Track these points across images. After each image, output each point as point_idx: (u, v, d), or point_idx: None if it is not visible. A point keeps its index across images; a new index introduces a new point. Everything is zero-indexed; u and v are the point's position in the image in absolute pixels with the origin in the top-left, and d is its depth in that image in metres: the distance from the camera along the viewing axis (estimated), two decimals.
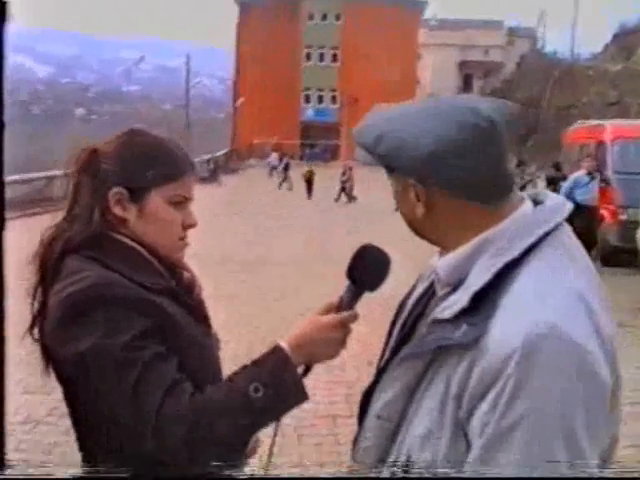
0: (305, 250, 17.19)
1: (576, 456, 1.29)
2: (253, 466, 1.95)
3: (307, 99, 71.45)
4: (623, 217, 14.00)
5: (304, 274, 13.68)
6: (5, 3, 1.46)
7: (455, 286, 1.51)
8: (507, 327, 1.34)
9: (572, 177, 14.93)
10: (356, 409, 1.62)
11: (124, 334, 1.67)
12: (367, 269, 1.78)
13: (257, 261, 15.30)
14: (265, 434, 1.87)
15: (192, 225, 1.97)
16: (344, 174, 33.03)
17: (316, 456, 5.46)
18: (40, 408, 6.34)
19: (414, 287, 1.82)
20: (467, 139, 1.45)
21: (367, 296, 1.83)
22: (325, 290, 11.26)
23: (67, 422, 5.62)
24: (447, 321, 1.44)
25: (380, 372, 1.71)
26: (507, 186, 1.51)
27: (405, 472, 1.47)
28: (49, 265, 1.85)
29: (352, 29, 66.58)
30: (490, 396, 1.33)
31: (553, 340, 1.30)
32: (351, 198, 32.11)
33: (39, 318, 1.86)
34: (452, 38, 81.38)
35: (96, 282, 1.72)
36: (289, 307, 10.85)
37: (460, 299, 1.44)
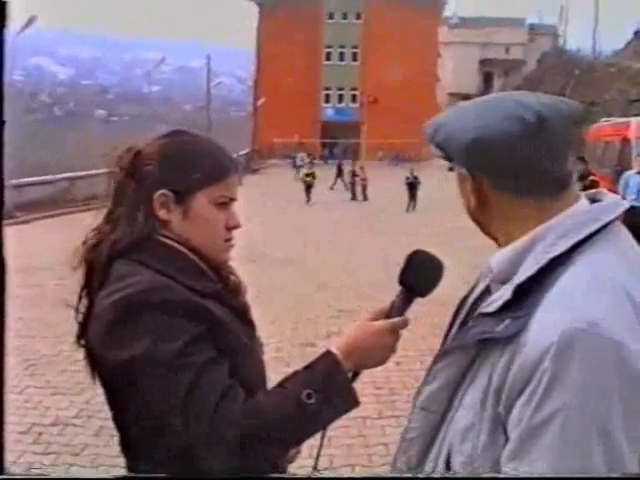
0: (330, 249, 17.18)
1: (612, 453, 1.26)
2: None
3: (327, 98, 71.48)
4: None
5: (329, 273, 13.65)
6: (5, 3, 1.43)
7: (506, 283, 1.49)
8: (546, 321, 1.33)
9: (624, 176, 14.54)
10: (385, 410, 1.59)
11: (177, 340, 1.64)
12: (420, 275, 1.76)
13: (285, 259, 15.32)
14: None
15: (236, 226, 1.95)
16: (354, 174, 34.04)
17: (346, 458, 5.45)
18: (69, 409, 6.34)
19: (475, 285, 1.79)
20: (512, 131, 1.45)
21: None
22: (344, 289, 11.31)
23: (96, 423, 5.63)
24: (491, 315, 1.45)
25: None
26: (559, 183, 1.49)
27: (448, 463, 1.47)
28: (96, 269, 1.82)
29: (372, 28, 66.60)
30: (527, 390, 1.31)
31: (591, 336, 1.28)
32: (364, 197, 32.50)
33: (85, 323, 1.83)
34: (472, 36, 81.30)
35: (148, 287, 1.70)
36: (320, 303, 10.89)
37: (504, 293, 1.44)
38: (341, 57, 71.18)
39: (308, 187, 32.80)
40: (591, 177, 14.26)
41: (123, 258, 1.80)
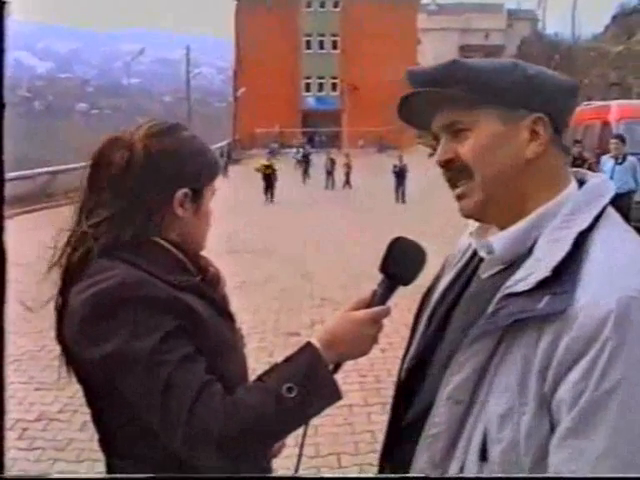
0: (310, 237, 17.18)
1: None
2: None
3: (307, 87, 71.34)
4: (638, 198, 13.84)
5: (312, 262, 13.65)
6: (5, 3, 1.41)
7: (511, 263, 1.48)
8: (597, 293, 1.31)
9: (602, 160, 14.49)
10: (370, 397, 1.56)
11: (152, 335, 1.61)
12: (402, 263, 1.71)
13: (268, 249, 15.29)
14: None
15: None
16: (332, 162, 33.51)
17: (332, 446, 5.45)
18: (53, 405, 6.32)
19: (439, 275, 1.77)
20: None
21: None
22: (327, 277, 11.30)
23: (80, 418, 5.62)
24: (522, 294, 1.38)
25: (412, 369, 1.69)
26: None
27: (482, 453, 1.40)
28: (80, 267, 1.76)
29: (351, 16, 66.54)
30: (582, 363, 1.28)
31: None
32: (347, 184, 32.34)
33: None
34: (452, 22, 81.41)
35: (122, 281, 1.66)
36: (296, 295, 10.87)
37: (534, 271, 1.39)
38: (321, 45, 71.01)
39: (267, 182, 28.96)
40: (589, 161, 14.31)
41: (104, 255, 1.75)
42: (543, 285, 1.37)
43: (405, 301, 1.82)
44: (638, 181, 12.96)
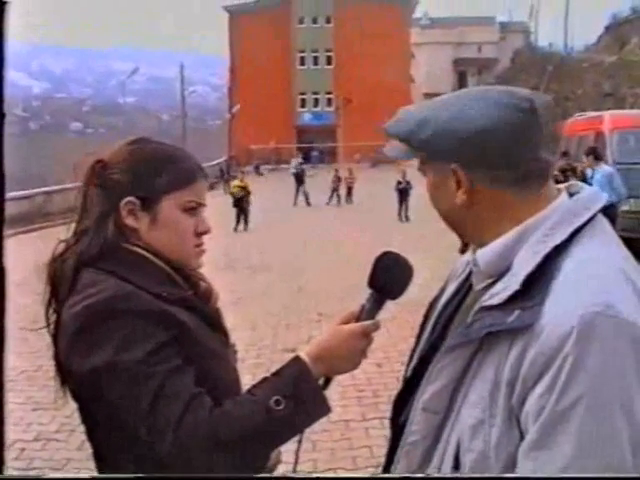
0: (307, 255, 17.16)
1: (637, 431, 1.27)
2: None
3: (302, 103, 71.45)
4: (625, 207, 13.86)
5: (308, 278, 13.64)
6: (5, 3, 1.42)
7: (497, 277, 1.49)
8: (562, 308, 1.33)
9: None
10: (368, 412, 1.57)
11: (140, 348, 1.62)
12: (390, 277, 1.73)
13: (261, 266, 15.27)
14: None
15: (206, 231, 1.93)
16: (338, 179, 32.27)
17: (330, 462, 5.44)
18: (50, 424, 6.31)
19: (443, 289, 1.79)
20: (512, 119, 1.44)
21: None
22: (326, 295, 11.29)
23: (78, 438, 5.61)
24: (495, 308, 1.42)
25: (410, 375, 1.69)
26: (546, 173, 1.50)
27: (455, 462, 1.44)
28: (63, 280, 1.80)
29: (343, 31, 66.72)
30: (546, 378, 1.30)
31: (609, 318, 1.29)
32: (348, 199, 31.83)
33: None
34: (444, 36, 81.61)
35: (111, 295, 1.68)
36: (300, 308, 10.86)
37: (509, 285, 1.42)
38: (315, 61, 71.18)
39: (238, 205, 23.90)
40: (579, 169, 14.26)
41: (90, 267, 1.78)
42: (514, 299, 1.40)
43: (402, 315, 1.84)
44: (618, 191, 12.87)
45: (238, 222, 23.50)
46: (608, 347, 1.28)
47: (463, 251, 1.74)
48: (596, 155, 13.44)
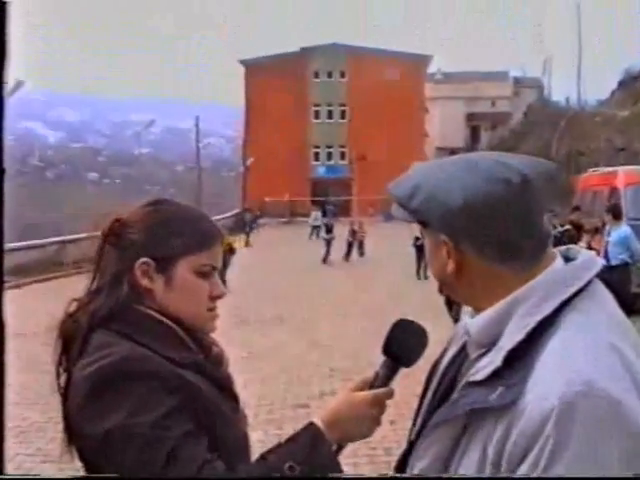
0: (321, 309, 17.13)
1: None
2: None
3: (316, 156, 71.85)
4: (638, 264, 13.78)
5: (323, 332, 13.58)
6: (5, 3, 1.43)
7: (489, 347, 1.46)
8: (543, 387, 1.30)
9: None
10: (380, 470, 1.55)
11: (153, 412, 1.61)
12: (404, 344, 1.72)
13: (276, 319, 15.23)
14: None
15: (220, 296, 1.92)
16: (354, 233, 31.20)
17: None
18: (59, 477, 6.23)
19: (447, 348, 1.77)
20: (499, 193, 1.41)
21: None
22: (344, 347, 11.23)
23: None
24: (481, 383, 1.40)
25: (415, 438, 1.65)
26: (541, 244, 1.47)
27: None
28: (74, 339, 1.80)
29: (358, 85, 67.25)
30: (529, 459, 1.28)
31: (590, 397, 1.26)
32: (361, 252, 31.52)
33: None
34: (458, 91, 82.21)
35: (124, 358, 1.67)
36: (312, 363, 10.80)
37: (493, 360, 1.40)
38: (329, 115, 71.75)
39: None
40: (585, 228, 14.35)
41: (102, 328, 1.78)
42: (498, 375, 1.37)
43: (415, 373, 1.82)
44: (633, 252, 12.83)
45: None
46: (590, 428, 1.26)
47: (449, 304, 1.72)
48: (615, 214, 13.41)
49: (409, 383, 2.50)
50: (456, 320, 11.49)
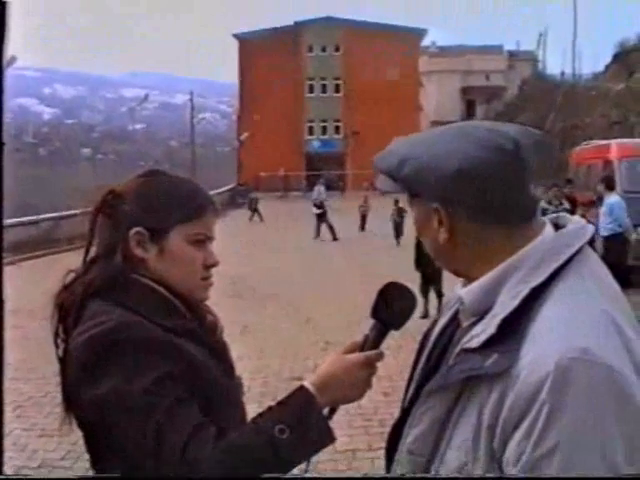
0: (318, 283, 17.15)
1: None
2: None
3: (311, 131, 71.57)
4: (634, 236, 13.83)
5: (315, 306, 13.61)
6: (5, 3, 1.44)
7: (481, 315, 1.48)
8: (538, 353, 1.32)
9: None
10: (374, 442, 1.57)
11: (145, 378, 1.64)
12: (393, 307, 1.74)
13: (271, 294, 15.24)
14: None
15: (214, 264, 1.95)
16: (365, 202, 31.39)
17: None
18: (55, 452, 6.30)
19: (437, 318, 1.79)
20: (492, 159, 1.43)
21: None
22: (336, 324, 11.26)
23: (83, 465, 5.57)
24: (475, 351, 1.41)
25: (407, 406, 1.67)
26: (530, 210, 1.50)
27: None
28: (70, 310, 1.82)
29: (352, 59, 66.93)
30: (524, 424, 1.29)
31: (585, 364, 1.28)
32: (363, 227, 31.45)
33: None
34: (453, 64, 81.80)
35: (117, 325, 1.70)
36: (307, 337, 10.83)
37: (487, 327, 1.41)
38: (323, 89, 71.39)
39: None
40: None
41: (97, 298, 1.80)
42: (492, 342, 1.39)
43: (408, 344, 1.84)
44: (619, 222, 12.97)
45: None
46: (585, 394, 1.27)
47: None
48: (608, 184, 13.53)
49: (402, 355, 2.53)
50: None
